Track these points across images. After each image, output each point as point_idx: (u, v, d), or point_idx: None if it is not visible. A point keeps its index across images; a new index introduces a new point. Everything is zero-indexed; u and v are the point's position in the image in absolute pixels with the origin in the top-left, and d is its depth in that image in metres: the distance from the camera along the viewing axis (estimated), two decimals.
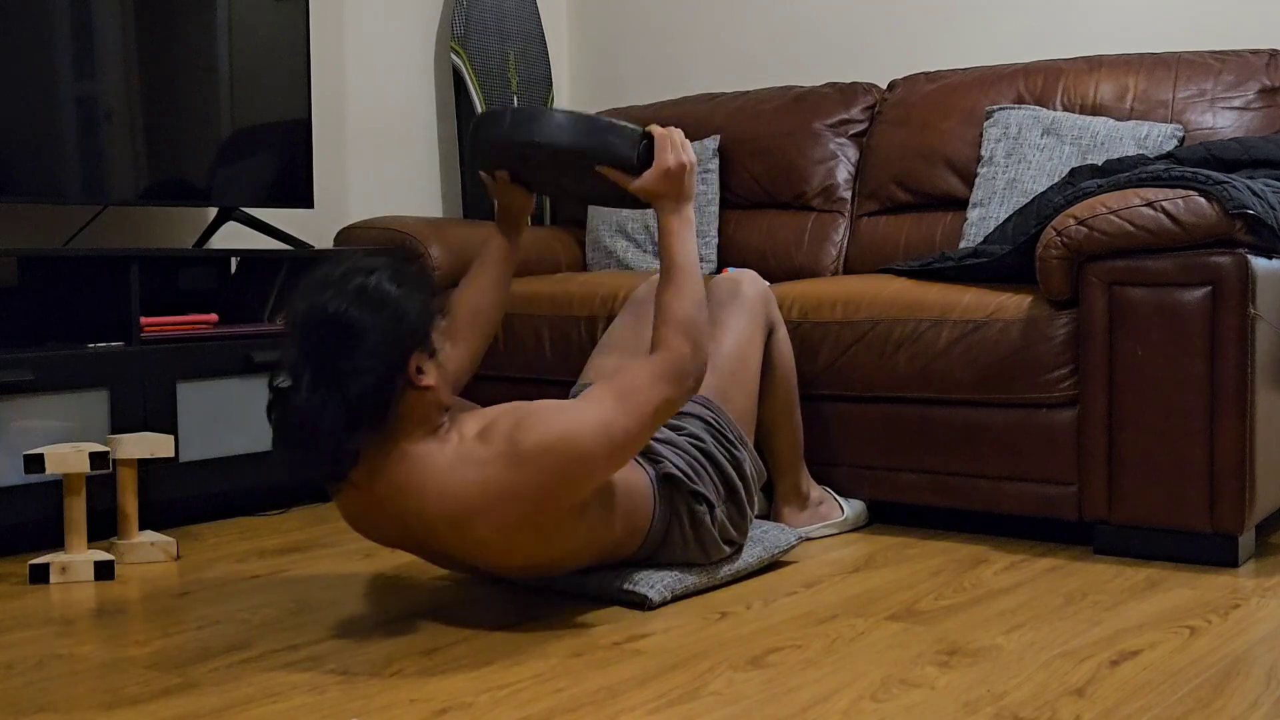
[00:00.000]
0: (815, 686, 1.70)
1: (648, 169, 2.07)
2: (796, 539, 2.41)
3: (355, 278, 1.84)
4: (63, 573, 2.34)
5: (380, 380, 1.81)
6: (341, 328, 1.80)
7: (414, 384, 1.86)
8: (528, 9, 4.09)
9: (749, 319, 2.46)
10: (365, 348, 1.80)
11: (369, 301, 1.82)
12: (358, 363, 1.80)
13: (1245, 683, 1.70)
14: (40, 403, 2.56)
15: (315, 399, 1.79)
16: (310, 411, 1.79)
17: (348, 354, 1.80)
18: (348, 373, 1.80)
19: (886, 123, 3.42)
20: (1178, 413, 2.33)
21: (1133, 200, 2.36)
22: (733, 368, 2.39)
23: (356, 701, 1.66)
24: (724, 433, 2.27)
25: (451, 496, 1.86)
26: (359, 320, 1.80)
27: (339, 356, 1.80)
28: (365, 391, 1.80)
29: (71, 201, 2.84)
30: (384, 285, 1.84)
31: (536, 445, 1.84)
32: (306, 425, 1.80)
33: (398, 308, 1.83)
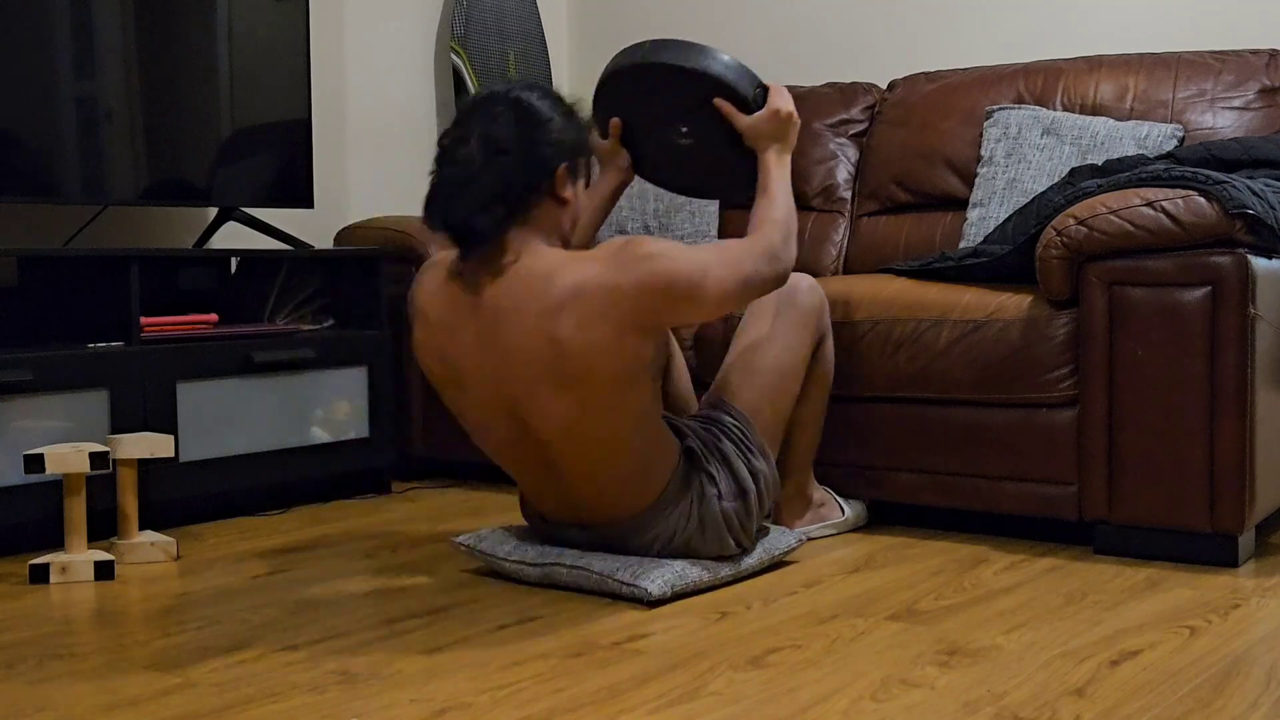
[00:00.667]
0: (815, 686, 1.70)
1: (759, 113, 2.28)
2: (798, 541, 2.41)
3: (524, 90, 2.10)
4: (63, 573, 2.34)
5: (532, 167, 2.05)
6: (509, 116, 2.05)
7: (556, 192, 2.08)
8: (528, 9, 4.09)
9: (800, 332, 2.42)
10: (526, 136, 2.05)
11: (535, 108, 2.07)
12: (518, 145, 2.04)
13: (1245, 683, 1.70)
14: (40, 403, 2.56)
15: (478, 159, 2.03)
16: (473, 168, 2.03)
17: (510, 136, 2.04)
18: (507, 150, 2.04)
19: (886, 123, 3.42)
20: (1178, 413, 2.33)
21: (1133, 200, 2.36)
22: (771, 383, 2.37)
23: (356, 701, 1.66)
24: (747, 443, 2.27)
25: (554, 283, 2.00)
26: (525, 116, 2.06)
27: (503, 137, 2.04)
28: (518, 169, 2.04)
29: (71, 201, 2.84)
30: (547, 103, 2.10)
31: (641, 254, 2.00)
32: (466, 180, 2.03)
33: (565, 120, 2.10)
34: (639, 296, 1.98)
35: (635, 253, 2.00)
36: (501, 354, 2.05)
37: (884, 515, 2.83)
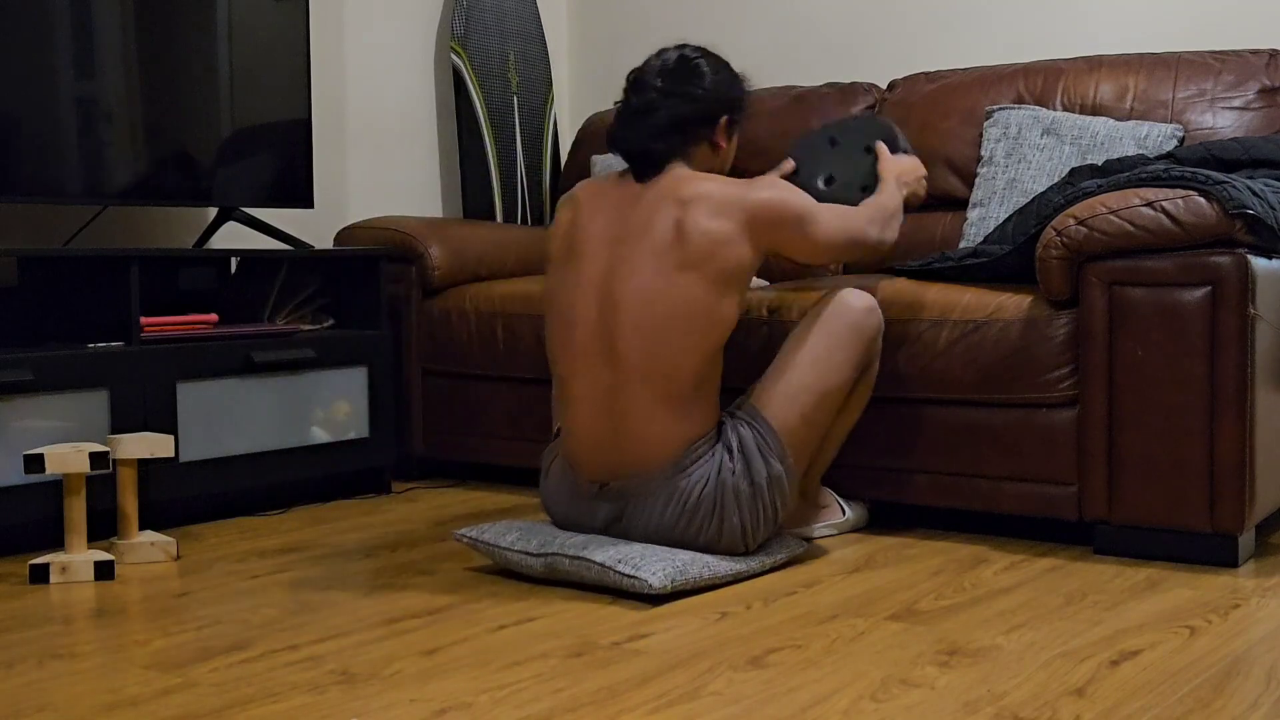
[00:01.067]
0: (815, 686, 1.70)
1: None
2: (801, 547, 2.41)
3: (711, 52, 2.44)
4: (63, 573, 2.34)
5: (703, 112, 2.37)
6: (691, 65, 2.38)
7: (715, 138, 2.39)
8: (528, 9, 4.09)
9: (850, 355, 2.38)
10: (703, 84, 2.37)
11: (712, 62, 2.41)
12: (695, 91, 2.36)
13: (1245, 683, 1.70)
14: (40, 403, 2.56)
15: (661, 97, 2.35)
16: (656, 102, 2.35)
17: (690, 82, 2.36)
18: (686, 94, 2.35)
19: None
20: (1178, 413, 2.33)
21: (1133, 200, 2.36)
22: (810, 404, 2.33)
23: (356, 701, 1.66)
24: (768, 448, 2.28)
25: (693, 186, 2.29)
26: (704, 67, 2.39)
27: (684, 82, 2.36)
28: (693, 110, 2.35)
29: (71, 201, 2.84)
30: (728, 65, 2.44)
31: (768, 182, 2.34)
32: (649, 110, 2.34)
33: (731, 79, 2.42)
34: (758, 209, 2.28)
35: (764, 180, 2.35)
36: (629, 230, 2.30)
37: (884, 515, 2.83)
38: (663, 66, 2.38)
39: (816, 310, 2.40)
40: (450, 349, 3.27)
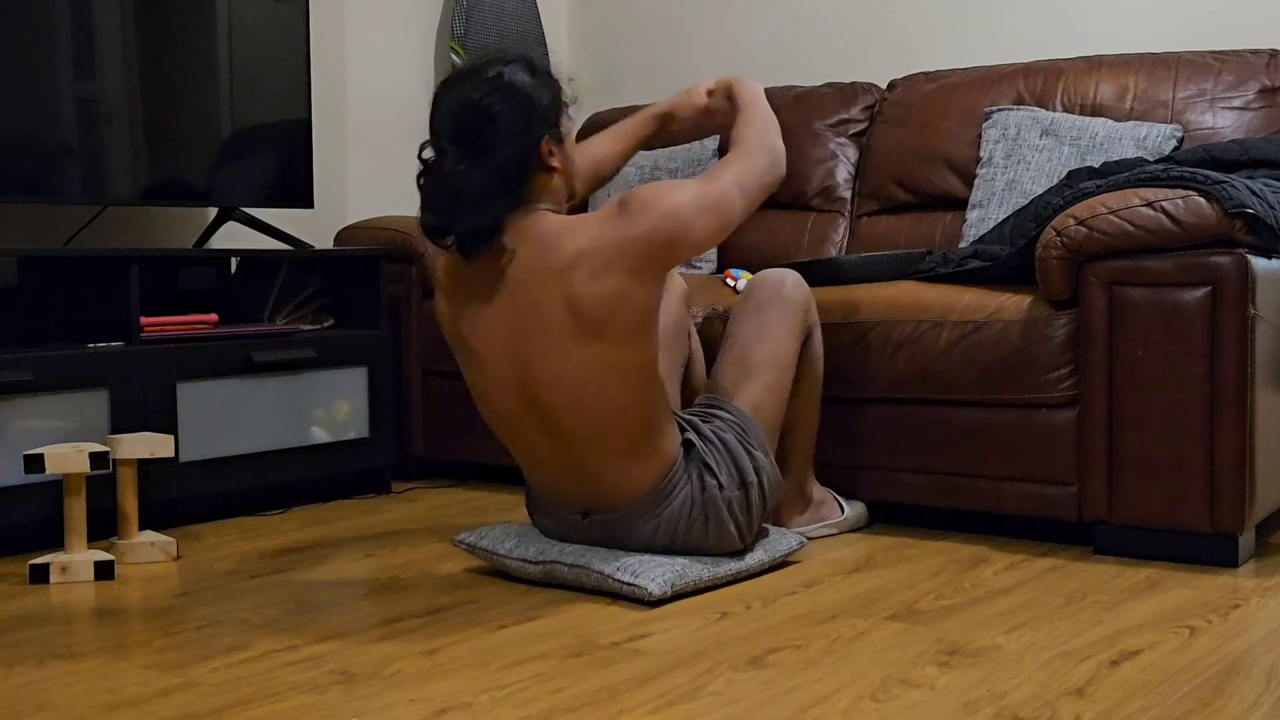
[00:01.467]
0: (815, 686, 1.70)
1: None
2: (799, 543, 2.41)
3: (493, 68, 2.12)
4: (63, 573, 2.34)
5: (517, 156, 2.09)
6: (481, 112, 2.08)
7: (545, 164, 2.13)
8: (528, 9, 4.09)
9: (790, 326, 2.43)
10: (503, 128, 2.08)
11: (506, 90, 2.09)
12: (497, 140, 2.08)
13: (1245, 683, 1.70)
14: (40, 403, 2.56)
15: (462, 168, 2.08)
16: (458, 178, 2.07)
17: (488, 133, 2.08)
18: (488, 147, 2.08)
19: (886, 123, 3.42)
20: (1178, 413, 2.33)
21: (1132, 200, 2.36)
22: (769, 379, 2.37)
23: (356, 701, 1.66)
24: (748, 438, 2.28)
25: (561, 245, 2.08)
26: (497, 105, 2.08)
27: (480, 135, 2.08)
28: (504, 163, 2.08)
29: (71, 201, 2.84)
30: (519, 75, 2.12)
31: (635, 208, 2.08)
32: (455, 191, 2.08)
33: (531, 95, 2.12)
34: (639, 249, 2.07)
35: (630, 208, 2.08)
36: (518, 319, 2.12)
37: (884, 515, 2.83)
38: (452, 128, 2.09)
39: (743, 298, 2.48)
40: (450, 349, 3.27)
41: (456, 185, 2.07)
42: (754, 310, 2.44)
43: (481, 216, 2.08)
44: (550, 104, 2.14)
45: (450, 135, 2.09)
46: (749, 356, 2.38)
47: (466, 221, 2.08)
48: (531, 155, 2.11)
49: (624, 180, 3.65)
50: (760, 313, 2.43)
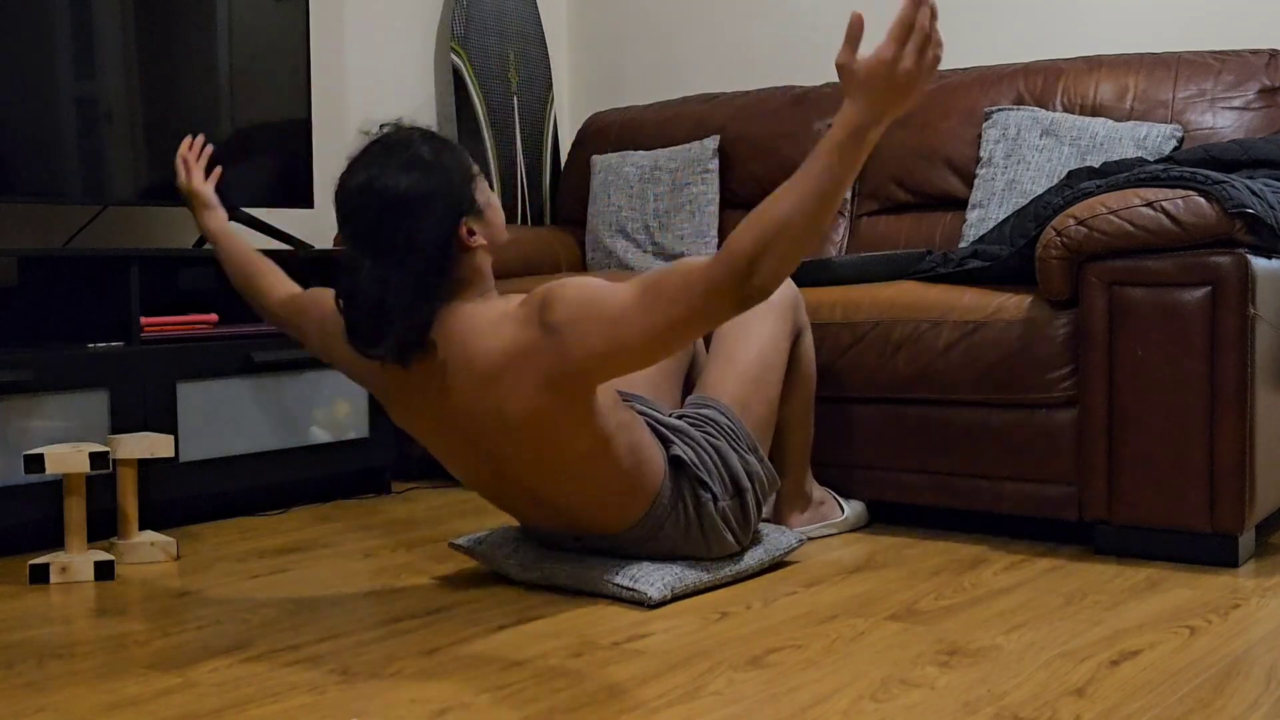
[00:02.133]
0: (815, 686, 1.70)
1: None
2: (798, 540, 2.41)
3: (395, 152, 1.96)
4: (63, 573, 2.34)
5: (437, 247, 1.95)
6: (391, 201, 1.93)
7: (467, 245, 1.99)
8: (528, 9, 4.09)
9: (777, 324, 2.43)
10: (416, 218, 1.93)
11: (413, 172, 1.94)
12: (412, 234, 1.92)
13: (1245, 683, 1.70)
14: (40, 403, 2.56)
15: (381, 276, 1.93)
16: (379, 288, 1.93)
17: (402, 226, 1.92)
18: (405, 245, 1.92)
19: None
20: (1178, 413, 2.33)
21: (1132, 200, 2.36)
22: (756, 375, 2.37)
23: (356, 701, 1.66)
24: (738, 441, 2.27)
25: (488, 349, 1.96)
26: (407, 192, 1.93)
27: (394, 230, 1.92)
28: (425, 262, 1.94)
29: (71, 201, 2.84)
30: (423, 154, 1.96)
31: (553, 322, 1.91)
32: (378, 302, 1.93)
33: (440, 175, 1.96)
34: (557, 364, 1.91)
35: (548, 320, 1.90)
36: (454, 418, 2.04)
37: (884, 515, 2.83)
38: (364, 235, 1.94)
39: None
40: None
41: (378, 297, 1.93)
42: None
43: (409, 326, 1.94)
44: (461, 179, 1.98)
45: (363, 236, 1.95)
46: (735, 353, 2.38)
47: (395, 333, 1.94)
48: (452, 243, 1.97)
49: (624, 180, 3.65)
50: (747, 312, 2.43)
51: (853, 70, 1.61)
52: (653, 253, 3.57)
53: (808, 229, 1.69)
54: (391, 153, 1.97)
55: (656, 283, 1.83)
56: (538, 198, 4.07)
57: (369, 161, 1.97)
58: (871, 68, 1.61)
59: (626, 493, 2.10)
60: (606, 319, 1.87)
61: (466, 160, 2.02)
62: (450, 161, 1.98)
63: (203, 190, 2.57)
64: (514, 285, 3.23)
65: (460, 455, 2.11)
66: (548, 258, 3.65)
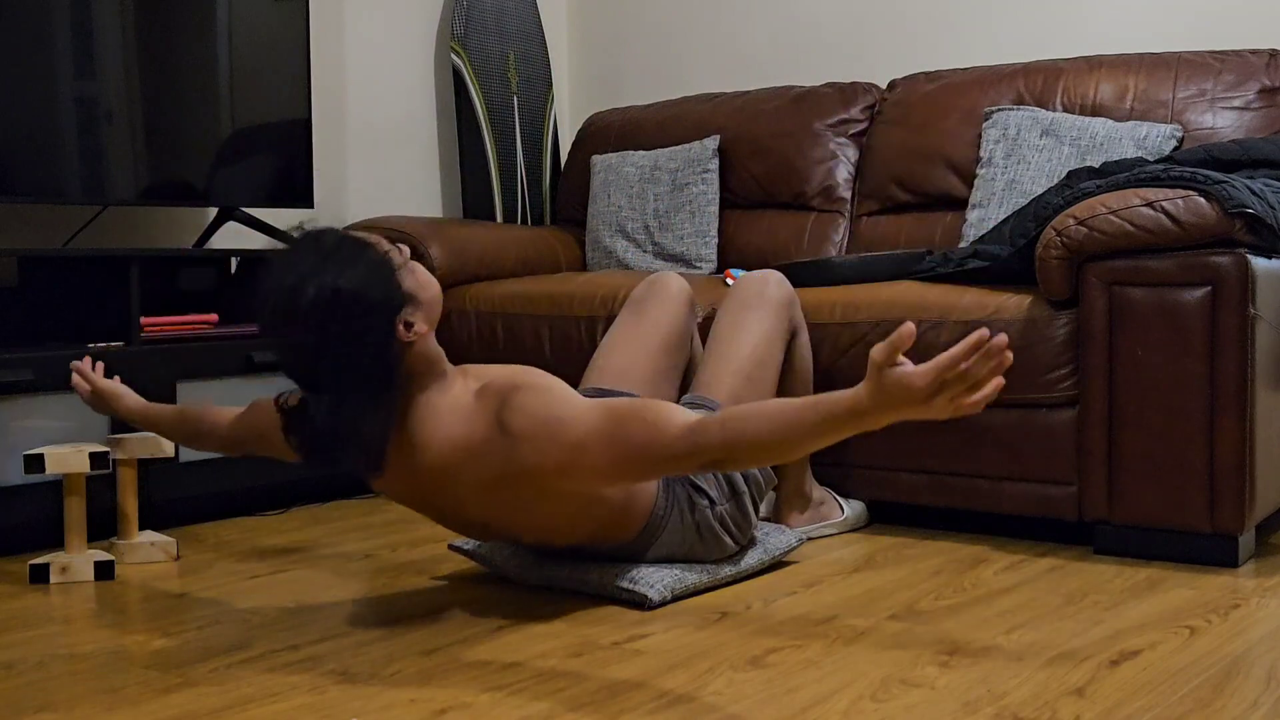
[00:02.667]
0: (815, 686, 1.70)
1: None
2: (797, 540, 2.41)
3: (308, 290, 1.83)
4: (63, 572, 2.34)
5: (379, 359, 1.87)
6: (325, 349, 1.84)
7: (409, 341, 1.92)
8: (528, 9, 4.09)
9: (772, 322, 2.44)
10: (353, 328, 1.84)
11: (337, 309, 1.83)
12: (352, 353, 1.85)
13: (1245, 683, 1.70)
14: (40, 403, 2.56)
15: (327, 411, 1.87)
16: (328, 420, 1.87)
17: (339, 364, 1.85)
18: (345, 368, 1.86)
19: (886, 122, 3.43)
20: (1178, 413, 2.33)
21: (1132, 200, 2.36)
22: (750, 372, 2.37)
23: (356, 701, 1.66)
24: None
25: (442, 443, 1.95)
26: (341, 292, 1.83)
27: (333, 351, 1.84)
28: (369, 382, 1.88)
29: (71, 201, 2.84)
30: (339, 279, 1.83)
31: (523, 424, 1.89)
32: (333, 435, 1.88)
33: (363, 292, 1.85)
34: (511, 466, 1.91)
35: (505, 423, 1.90)
36: (425, 494, 2.04)
37: (884, 515, 2.83)
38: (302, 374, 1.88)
39: (727, 297, 2.49)
40: (450, 349, 3.27)
41: (330, 428, 1.87)
42: (737, 308, 2.45)
43: (366, 445, 1.89)
44: (386, 279, 1.87)
45: (302, 381, 1.89)
46: (730, 352, 2.39)
47: (352, 456, 1.90)
48: (391, 349, 1.89)
49: (624, 180, 3.65)
50: (742, 310, 2.44)
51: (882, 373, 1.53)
52: (653, 253, 3.57)
53: (777, 455, 1.69)
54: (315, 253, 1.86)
55: (623, 422, 1.82)
56: (538, 198, 4.07)
57: (294, 263, 1.85)
58: (899, 386, 1.51)
59: (619, 519, 2.10)
60: (567, 444, 1.85)
61: (382, 253, 1.90)
62: (373, 257, 1.88)
63: (109, 386, 2.39)
64: (514, 286, 3.23)
65: (442, 518, 2.10)
66: (548, 258, 3.65)
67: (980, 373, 1.45)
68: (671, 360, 2.49)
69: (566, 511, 2.02)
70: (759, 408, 1.69)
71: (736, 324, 2.42)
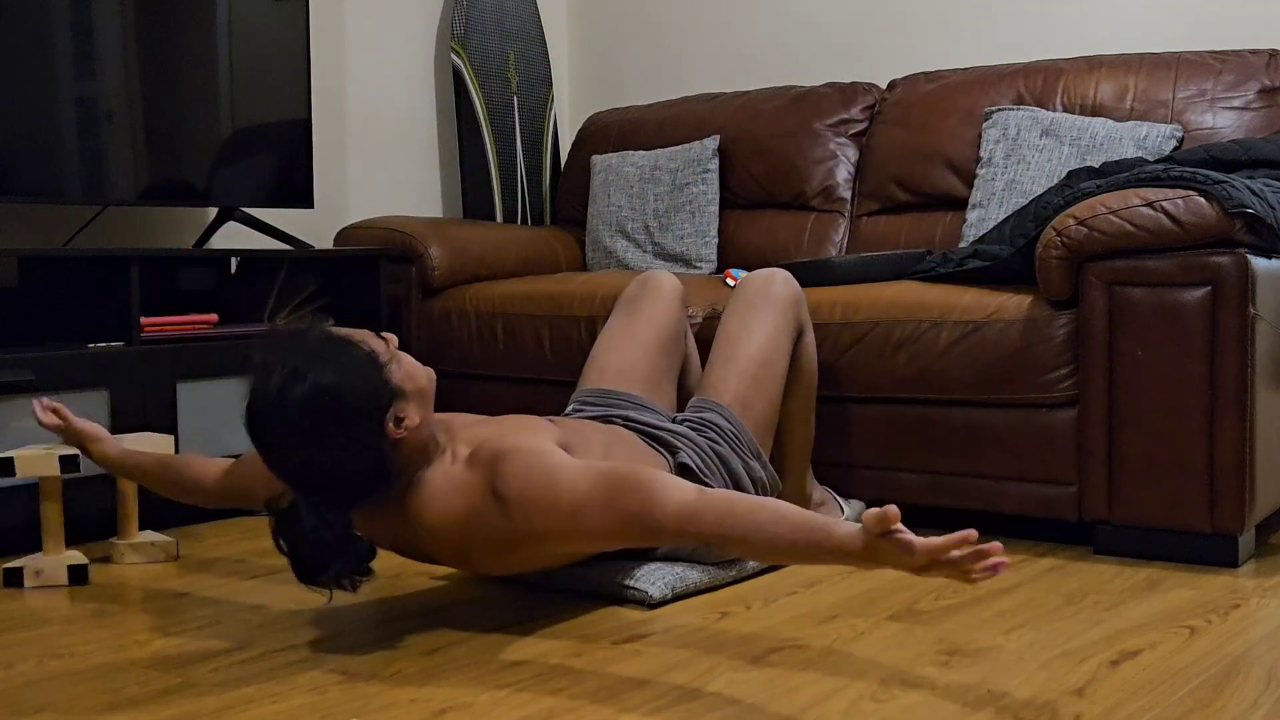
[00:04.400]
0: (815, 686, 1.70)
1: None
2: None
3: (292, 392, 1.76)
4: (37, 576, 2.31)
5: (372, 460, 1.82)
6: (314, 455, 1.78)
7: (397, 436, 1.85)
8: (528, 9, 4.09)
9: (779, 322, 2.43)
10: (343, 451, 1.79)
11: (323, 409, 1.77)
12: (344, 466, 1.79)
13: (1245, 683, 1.70)
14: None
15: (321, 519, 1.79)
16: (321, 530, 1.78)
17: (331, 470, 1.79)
18: (336, 471, 1.79)
19: (886, 123, 3.42)
20: (1178, 413, 2.33)
21: (1132, 200, 2.36)
22: (756, 373, 2.37)
23: (356, 701, 1.66)
24: (740, 446, 2.27)
25: (444, 520, 1.91)
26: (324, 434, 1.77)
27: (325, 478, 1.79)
28: (363, 482, 1.83)
29: (71, 201, 2.84)
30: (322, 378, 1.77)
31: (515, 489, 1.85)
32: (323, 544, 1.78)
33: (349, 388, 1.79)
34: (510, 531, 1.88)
35: (498, 490, 1.86)
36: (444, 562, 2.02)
37: None
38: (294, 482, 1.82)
39: (733, 296, 2.49)
40: (450, 349, 3.27)
41: (322, 539, 1.78)
42: (743, 308, 2.44)
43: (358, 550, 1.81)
44: (373, 376, 1.82)
45: (292, 481, 1.81)
46: (736, 352, 2.38)
47: (346, 562, 1.80)
48: (383, 444, 1.82)
49: (624, 180, 3.65)
50: (749, 310, 2.43)
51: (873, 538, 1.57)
52: (653, 253, 3.57)
53: (761, 557, 1.72)
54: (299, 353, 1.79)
55: (617, 492, 1.80)
56: (538, 198, 4.07)
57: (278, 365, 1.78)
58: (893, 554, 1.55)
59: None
60: (563, 512, 1.83)
61: (362, 345, 1.84)
62: (358, 355, 1.82)
63: (85, 427, 2.33)
64: (514, 286, 3.23)
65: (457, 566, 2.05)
66: (548, 258, 3.65)
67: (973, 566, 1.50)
68: (669, 359, 2.49)
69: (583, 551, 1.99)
70: (757, 509, 1.68)
71: (743, 324, 2.42)
